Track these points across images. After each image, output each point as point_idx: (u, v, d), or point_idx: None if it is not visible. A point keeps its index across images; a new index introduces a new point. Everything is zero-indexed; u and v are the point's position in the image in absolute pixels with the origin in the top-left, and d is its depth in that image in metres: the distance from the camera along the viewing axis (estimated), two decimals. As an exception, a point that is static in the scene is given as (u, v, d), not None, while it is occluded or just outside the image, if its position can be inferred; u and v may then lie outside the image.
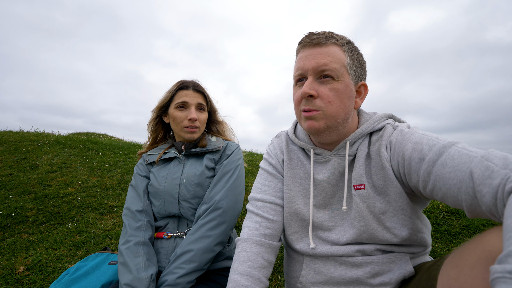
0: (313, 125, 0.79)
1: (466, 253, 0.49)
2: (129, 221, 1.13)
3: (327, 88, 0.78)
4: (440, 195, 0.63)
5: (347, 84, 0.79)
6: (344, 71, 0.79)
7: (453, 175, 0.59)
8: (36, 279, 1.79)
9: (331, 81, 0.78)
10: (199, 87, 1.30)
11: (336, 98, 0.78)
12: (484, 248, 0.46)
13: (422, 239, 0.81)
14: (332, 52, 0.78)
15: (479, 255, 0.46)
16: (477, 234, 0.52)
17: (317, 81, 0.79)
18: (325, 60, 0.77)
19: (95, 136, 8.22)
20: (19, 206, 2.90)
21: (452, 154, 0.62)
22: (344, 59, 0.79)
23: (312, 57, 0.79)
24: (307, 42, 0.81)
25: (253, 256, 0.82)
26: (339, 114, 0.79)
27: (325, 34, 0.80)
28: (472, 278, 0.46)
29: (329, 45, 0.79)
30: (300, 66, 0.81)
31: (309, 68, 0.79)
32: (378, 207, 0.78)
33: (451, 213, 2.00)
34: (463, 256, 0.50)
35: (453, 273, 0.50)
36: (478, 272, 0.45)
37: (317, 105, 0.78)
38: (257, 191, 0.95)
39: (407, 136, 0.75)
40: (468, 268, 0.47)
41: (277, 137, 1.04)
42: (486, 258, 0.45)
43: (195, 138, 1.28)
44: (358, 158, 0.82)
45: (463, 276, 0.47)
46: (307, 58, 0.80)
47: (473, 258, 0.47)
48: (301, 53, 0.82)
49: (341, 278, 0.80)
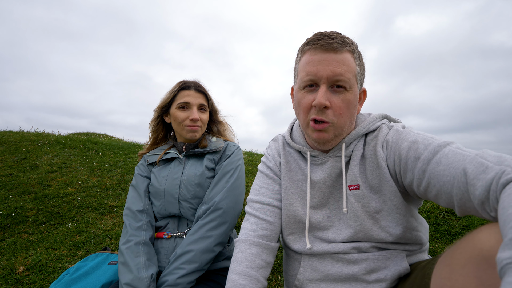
0: (323, 136, 0.79)
1: (458, 252, 0.49)
2: (130, 221, 1.13)
3: (339, 99, 0.76)
4: (434, 193, 0.64)
5: (355, 94, 0.79)
6: (354, 80, 0.78)
7: (447, 173, 0.60)
8: (36, 279, 1.79)
9: (344, 92, 0.76)
10: (201, 87, 1.30)
11: (346, 109, 0.77)
12: (475, 246, 0.46)
13: (418, 237, 0.81)
14: (347, 61, 0.76)
15: (470, 254, 0.46)
16: (468, 232, 0.51)
17: (329, 90, 0.77)
18: (341, 69, 0.74)
19: (95, 136, 8.22)
20: (19, 206, 2.90)
21: (446, 153, 0.63)
22: (355, 68, 0.78)
23: (327, 63, 0.75)
24: (321, 45, 0.76)
25: (251, 256, 0.83)
26: (346, 124, 0.80)
27: (339, 39, 0.76)
28: (463, 277, 0.46)
29: (344, 52, 0.76)
30: (312, 71, 0.76)
31: (324, 76, 0.75)
32: (373, 206, 0.79)
33: (451, 213, 2.00)
34: (455, 255, 0.49)
35: (446, 272, 0.50)
36: (470, 271, 0.45)
37: (330, 118, 0.77)
38: (255, 193, 0.96)
39: (403, 135, 0.75)
40: (459, 267, 0.47)
41: (274, 141, 1.04)
42: (477, 256, 0.45)
43: (196, 137, 1.28)
44: (353, 159, 0.83)
45: (455, 275, 0.47)
46: (321, 64, 0.75)
47: (464, 257, 0.47)
48: (313, 56, 0.77)
49: (337, 274, 0.81)
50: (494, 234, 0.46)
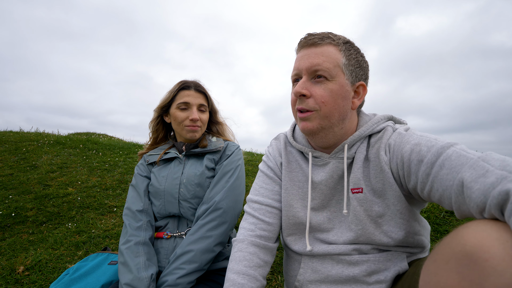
0: (307, 126, 0.80)
1: (443, 248, 0.49)
2: (130, 221, 1.13)
3: (320, 88, 0.78)
4: (437, 197, 0.63)
5: (341, 84, 0.78)
6: (338, 71, 0.78)
7: (450, 177, 0.59)
8: (36, 279, 1.79)
9: (325, 81, 0.78)
10: (201, 87, 1.30)
11: (330, 98, 0.77)
12: (459, 242, 0.46)
13: (420, 241, 0.81)
14: (327, 52, 0.78)
15: (453, 249, 0.46)
16: (454, 228, 0.51)
17: (311, 81, 0.80)
18: (318, 60, 0.77)
19: (95, 136, 8.22)
20: (19, 206, 2.90)
21: (450, 155, 0.61)
22: (339, 59, 0.78)
23: (307, 57, 0.80)
24: (304, 42, 0.82)
25: (249, 255, 0.83)
26: (333, 114, 0.78)
27: (322, 35, 0.81)
28: (447, 272, 0.45)
29: (324, 45, 0.79)
30: (296, 66, 0.83)
31: (303, 68, 0.80)
32: (375, 210, 0.78)
33: (451, 213, 2.00)
34: (440, 251, 0.49)
35: (432, 267, 0.50)
36: (452, 266, 0.45)
37: (310, 105, 0.78)
38: (255, 193, 0.96)
39: (405, 138, 0.74)
40: (443, 263, 0.47)
41: (276, 139, 1.04)
42: (460, 252, 0.45)
43: (196, 137, 1.28)
44: (356, 161, 0.81)
45: (440, 271, 0.47)
46: (302, 58, 0.81)
47: (448, 252, 0.47)
48: (298, 54, 0.84)
49: (338, 276, 0.81)
50: (479, 231, 0.45)
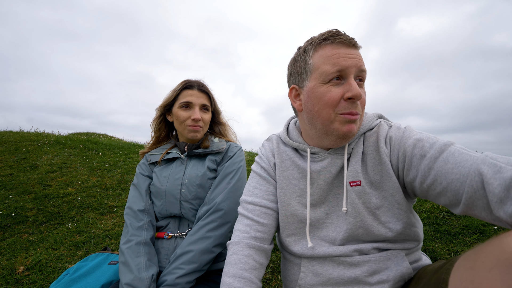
0: (353, 129, 0.77)
1: (483, 255, 0.49)
2: (131, 221, 1.13)
3: (363, 92, 0.79)
4: (438, 190, 0.66)
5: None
6: None
7: (456, 171, 0.62)
8: (36, 279, 1.78)
9: (363, 86, 0.80)
10: (204, 87, 1.30)
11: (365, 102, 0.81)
12: (504, 250, 0.45)
13: (416, 234, 0.82)
14: (362, 56, 0.79)
15: (498, 257, 0.46)
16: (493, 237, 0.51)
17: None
18: (362, 64, 0.77)
19: (95, 136, 8.21)
20: (19, 206, 2.89)
21: (452, 152, 0.65)
22: None
23: (353, 57, 0.76)
24: (343, 40, 0.76)
25: (244, 258, 0.83)
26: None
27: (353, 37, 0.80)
28: (489, 280, 0.45)
29: (359, 49, 0.80)
30: (339, 63, 0.75)
31: (353, 69, 0.75)
32: (373, 202, 0.80)
33: (451, 213, 2.00)
34: (479, 258, 0.49)
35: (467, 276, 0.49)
36: (496, 274, 0.45)
37: (359, 109, 0.78)
38: (249, 194, 0.95)
39: (407, 133, 0.78)
40: (485, 270, 0.46)
41: (268, 140, 1.04)
42: (506, 260, 0.44)
43: (198, 137, 1.27)
44: (354, 155, 0.83)
45: (479, 278, 0.47)
46: (348, 57, 0.75)
47: (490, 260, 0.47)
48: (336, 50, 0.76)
49: (339, 278, 0.81)
50: None
